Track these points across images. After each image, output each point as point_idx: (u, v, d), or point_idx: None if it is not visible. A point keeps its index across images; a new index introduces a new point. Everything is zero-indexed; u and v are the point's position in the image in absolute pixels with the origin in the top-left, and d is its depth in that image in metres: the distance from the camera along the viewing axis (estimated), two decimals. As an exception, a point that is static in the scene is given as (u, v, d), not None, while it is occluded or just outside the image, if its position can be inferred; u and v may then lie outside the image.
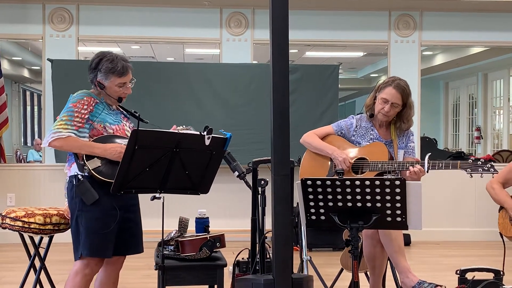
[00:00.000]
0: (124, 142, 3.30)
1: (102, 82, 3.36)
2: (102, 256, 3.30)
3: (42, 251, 3.78)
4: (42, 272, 3.78)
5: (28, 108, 14.37)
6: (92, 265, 3.28)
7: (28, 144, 13.72)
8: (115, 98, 3.41)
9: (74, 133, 3.21)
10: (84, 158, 3.20)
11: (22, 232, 3.68)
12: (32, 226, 3.61)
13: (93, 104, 3.30)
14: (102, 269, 3.44)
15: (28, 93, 14.07)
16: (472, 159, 3.66)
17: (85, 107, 3.27)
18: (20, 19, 6.93)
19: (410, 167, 3.69)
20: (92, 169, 3.18)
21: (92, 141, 3.25)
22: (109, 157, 3.22)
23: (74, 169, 3.28)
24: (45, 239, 3.78)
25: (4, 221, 3.68)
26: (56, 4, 6.93)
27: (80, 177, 3.22)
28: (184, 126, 3.58)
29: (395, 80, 3.88)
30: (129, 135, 3.42)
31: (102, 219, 3.23)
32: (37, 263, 3.81)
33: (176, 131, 3.51)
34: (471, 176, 3.68)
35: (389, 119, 3.91)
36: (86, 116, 3.26)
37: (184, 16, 7.10)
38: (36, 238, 3.76)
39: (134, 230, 3.46)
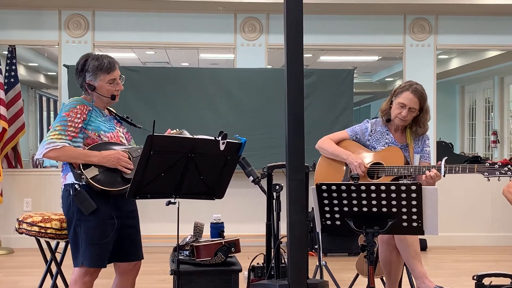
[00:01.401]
0: (121, 148, 3.29)
1: (92, 83, 3.31)
2: (101, 266, 3.27)
3: (58, 256, 3.80)
4: (59, 277, 3.80)
5: (45, 113, 14.47)
6: (91, 271, 3.25)
7: (44, 150, 13.78)
8: (108, 97, 3.35)
9: (68, 143, 3.17)
10: (81, 167, 3.17)
11: (38, 237, 3.69)
12: (49, 231, 3.63)
13: (86, 112, 3.26)
14: (119, 277, 3.44)
15: (44, 98, 14.17)
16: (489, 163, 3.63)
17: (78, 115, 3.22)
18: (36, 25, 6.99)
19: (427, 171, 3.67)
20: (90, 178, 3.15)
21: (87, 149, 3.21)
22: (106, 164, 3.19)
23: (70, 178, 3.23)
24: (62, 244, 3.78)
25: (21, 226, 3.70)
26: (72, 10, 6.99)
27: (77, 186, 3.17)
28: (177, 130, 3.57)
29: (412, 85, 3.86)
30: (124, 141, 3.40)
31: (100, 228, 3.20)
32: (54, 268, 3.82)
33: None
34: (489, 180, 3.65)
35: (405, 123, 3.90)
36: (80, 125, 3.22)
37: (199, 21, 7.12)
38: (53, 243, 3.77)
39: (134, 236, 3.43)
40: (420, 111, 3.87)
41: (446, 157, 3.76)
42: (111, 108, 3.53)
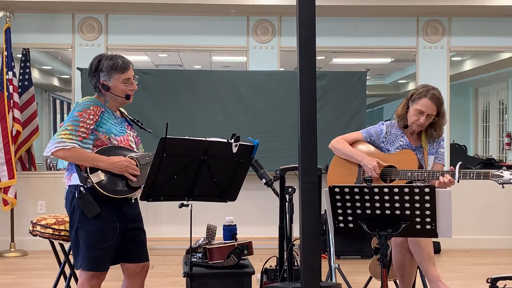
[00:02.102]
0: (129, 154, 3.27)
1: (106, 83, 3.28)
2: (100, 271, 3.24)
3: (72, 258, 3.82)
4: (72, 279, 3.82)
5: (58, 116, 14.54)
6: (98, 274, 3.23)
7: (58, 152, 13.81)
8: (122, 97, 3.32)
9: (78, 144, 3.14)
10: (88, 171, 3.15)
11: (52, 239, 3.72)
12: (62, 233, 3.66)
13: (99, 114, 3.23)
14: (127, 280, 3.43)
15: (58, 101, 14.23)
16: (504, 168, 3.59)
17: (91, 117, 3.19)
18: (50, 28, 7.04)
19: (440, 177, 3.64)
20: (95, 183, 3.13)
21: (96, 152, 3.19)
22: (113, 171, 3.17)
23: (75, 179, 3.21)
24: (75, 246, 3.81)
25: (34, 229, 3.73)
26: (85, 13, 7.03)
27: (82, 189, 3.16)
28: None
29: (429, 90, 3.79)
30: (133, 146, 3.37)
31: (102, 232, 3.18)
32: (67, 270, 3.84)
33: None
34: (503, 187, 3.60)
35: (423, 128, 3.87)
36: (91, 126, 3.19)
37: (211, 24, 7.14)
38: (66, 245, 3.80)
39: (139, 238, 3.41)
40: (437, 116, 3.83)
41: (461, 162, 3.72)
42: (123, 110, 3.52)
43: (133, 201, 3.33)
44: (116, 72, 3.28)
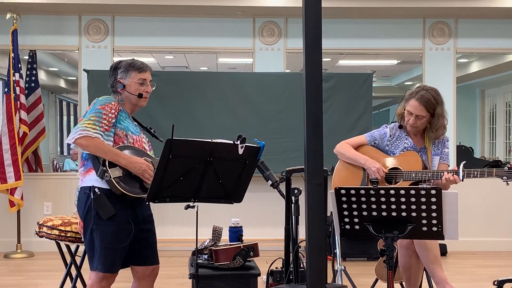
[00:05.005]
0: (145, 156, 3.29)
1: (122, 81, 3.35)
2: (114, 272, 3.26)
3: (78, 260, 3.83)
4: (78, 280, 3.83)
5: (65, 118, 14.59)
6: (108, 276, 3.24)
7: (64, 154, 13.92)
8: (135, 95, 3.35)
9: (101, 135, 3.16)
10: (107, 165, 3.16)
11: (58, 241, 3.73)
12: (69, 234, 3.66)
13: (118, 111, 3.28)
14: (136, 282, 3.43)
15: (64, 103, 14.29)
16: (508, 167, 3.59)
17: (112, 111, 3.23)
18: (56, 30, 7.06)
19: (445, 173, 3.64)
20: (113, 178, 3.14)
21: (116, 148, 3.21)
22: (132, 170, 3.19)
23: (89, 180, 3.23)
24: (81, 248, 3.81)
25: (41, 230, 3.74)
26: (92, 15, 7.05)
27: (97, 190, 3.17)
28: None
29: (420, 91, 3.78)
30: (146, 147, 3.40)
31: (117, 233, 3.19)
32: (73, 271, 3.85)
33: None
34: (507, 184, 3.61)
35: (418, 129, 3.86)
36: (113, 120, 3.22)
37: (217, 26, 7.15)
38: (73, 247, 3.80)
39: (151, 240, 3.42)
40: (432, 116, 3.81)
41: (465, 161, 3.72)
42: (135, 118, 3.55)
43: (146, 203, 3.33)
44: (133, 70, 3.36)
